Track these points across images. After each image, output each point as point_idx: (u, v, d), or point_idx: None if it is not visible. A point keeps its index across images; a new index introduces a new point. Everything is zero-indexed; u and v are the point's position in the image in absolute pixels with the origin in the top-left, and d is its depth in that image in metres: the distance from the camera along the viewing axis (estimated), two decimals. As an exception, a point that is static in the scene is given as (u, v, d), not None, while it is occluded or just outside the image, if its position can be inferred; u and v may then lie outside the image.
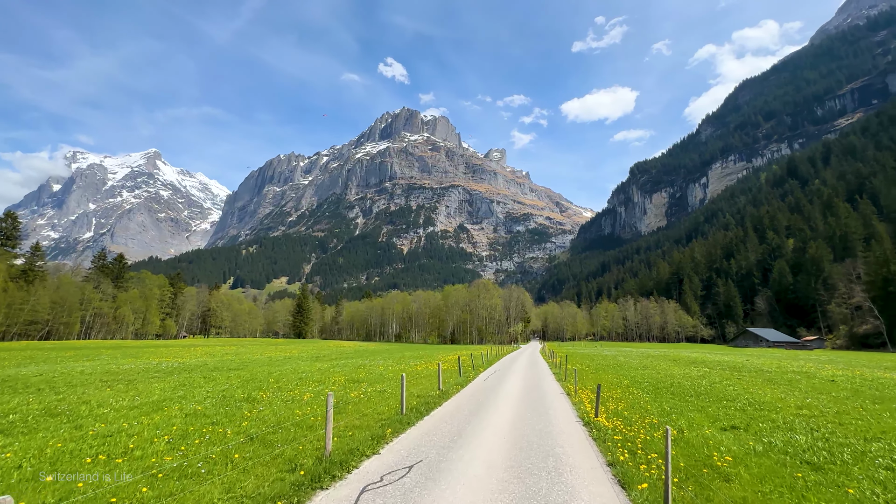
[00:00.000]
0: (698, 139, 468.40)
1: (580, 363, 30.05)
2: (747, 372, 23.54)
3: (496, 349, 55.03)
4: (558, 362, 29.63)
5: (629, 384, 17.43)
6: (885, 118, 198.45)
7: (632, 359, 36.71)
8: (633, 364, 29.53)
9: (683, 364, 29.71)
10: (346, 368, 23.59)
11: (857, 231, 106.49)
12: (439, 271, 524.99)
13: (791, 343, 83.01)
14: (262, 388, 14.89)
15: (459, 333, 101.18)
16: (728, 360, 34.53)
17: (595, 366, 28.29)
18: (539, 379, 20.18)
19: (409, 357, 35.96)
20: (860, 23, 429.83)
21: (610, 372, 23.55)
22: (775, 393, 14.51)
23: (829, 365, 30.21)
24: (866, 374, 23.56)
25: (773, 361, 32.93)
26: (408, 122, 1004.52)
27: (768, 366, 28.32)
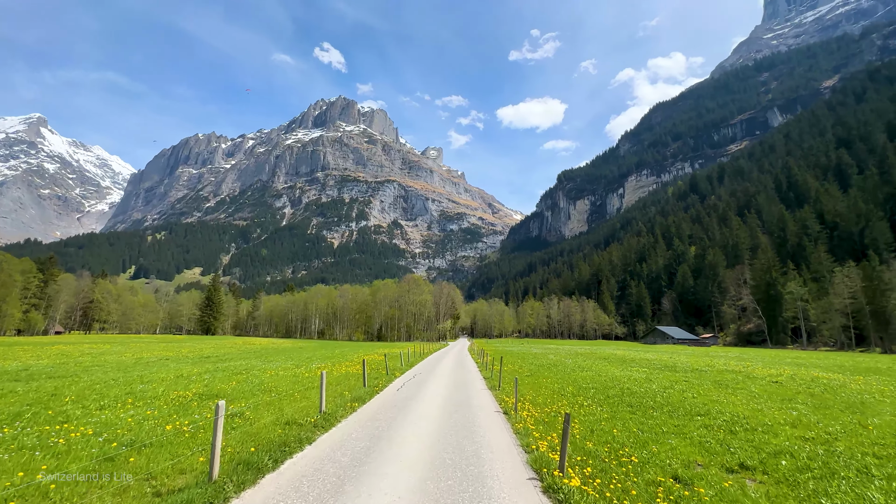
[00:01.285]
0: (617, 153, 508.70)
1: (512, 363, 27.82)
2: (685, 372, 22.60)
3: (423, 346, 52.07)
4: (488, 362, 26.99)
5: (574, 392, 14.90)
6: (766, 147, 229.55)
7: (563, 357, 35.39)
8: (568, 364, 27.60)
9: (617, 363, 28.64)
10: (223, 374, 18.60)
11: (745, 241, 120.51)
12: (371, 267, 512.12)
13: (692, 340, 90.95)
14: (27, 414, 9.54)
15: (387, 330, 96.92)
16: (654, 357, 34.73)
17: (529, 367, 25.84)
18: (467, 387, 16.78)
19: (320, 357, 31.23)
20: (749, 63, 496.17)
21: (547, 375, 21.20)
22: (740, 401, 12.61)
23: (746, 362, 30.75)
24: (797, 372, 23.19)
25: (696, 359, 33.56)
26: (344, 111, 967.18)
27: (697, 364, 28.10)
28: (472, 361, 31.60)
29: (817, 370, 25.26)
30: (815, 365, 30.06)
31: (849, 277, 70.83)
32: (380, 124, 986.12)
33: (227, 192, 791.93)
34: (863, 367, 27.73)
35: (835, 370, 25.18)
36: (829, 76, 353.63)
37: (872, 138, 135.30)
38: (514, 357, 35.42)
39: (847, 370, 25.54)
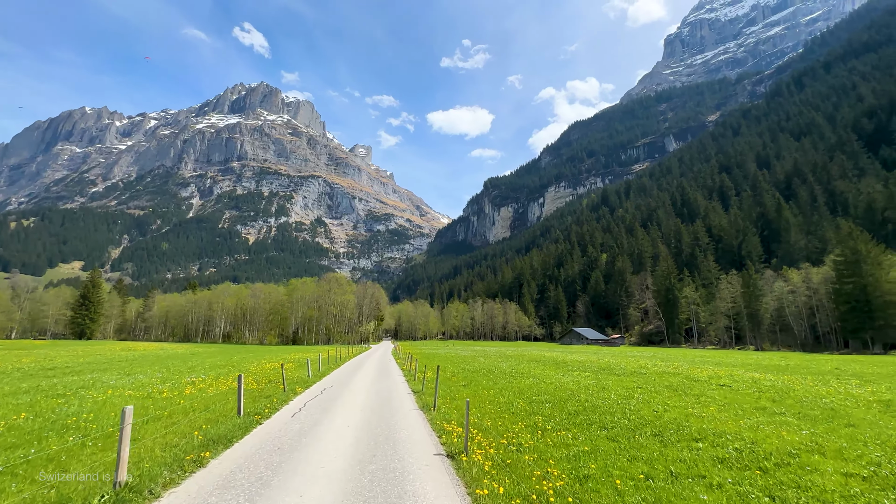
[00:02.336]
0: (539, 165, 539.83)
1: (443, 369, 25.00)
2: (628, 376, 21.28)
3: (343, 350, 47.64)
4: (416, 368, 23.91)
5: (527, 408, 12.16)
6: (664, 168, 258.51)
7: (495, 360, 32.98)
8: (504, 369, 25.22)
9: (552, 366, 27.11)
10: (35, 395, 13.23)
11: (648, 250, 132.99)
12: (290, 266, 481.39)
13: (604, 340, 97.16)
14: None
15: (304, 332, 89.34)
16: (583, 359, 34.23)
17: (464, 373, 23.04)
18: (392, 409, 12.81)
19: (207, 367, 25.50)
20: (651, 94, 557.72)
21: (486, 383, 18.40)
22: (723, 416, 11.07)
23: (671, 362, 31.20)
24: (730, 373, 22.72)
25: (622, 360, 33.71)
26: (266, 99, 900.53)
27: (629, 365, 27.33)
28: (396, 368, 28.42)
29: (740, 369, 26.06)
30: (729, 363, 31.50)
31: (731, 284, 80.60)
32: (306, 116, 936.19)
33: (120, 175, 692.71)
34: (772, 365, 29.62)
35: (757, 369, 26.04)
36: (713, 112, 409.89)
37: (746, 166, 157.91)
38: (444, 361, 32.90)
39: (764, 368, 26.93)
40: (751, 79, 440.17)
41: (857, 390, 15.94)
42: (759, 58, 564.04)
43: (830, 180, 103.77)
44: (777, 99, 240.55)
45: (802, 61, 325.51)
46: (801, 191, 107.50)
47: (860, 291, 53.52)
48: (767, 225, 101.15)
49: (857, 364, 31.91)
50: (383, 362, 33.83)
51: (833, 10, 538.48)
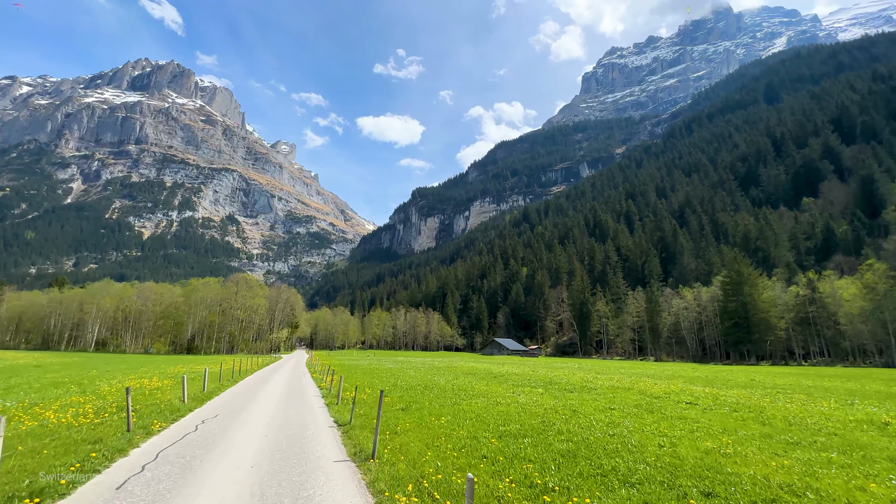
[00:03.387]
0: (466, 179, 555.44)
1: (372, 385, 21.39)
2: (578, 391, 19.53)
3: (248, 361, 41.49)
4: (335, 386, 19.54)
5: (503, 448, 9.11)
6: (578, 191, 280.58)
7: (426, 374, 30.11)
8: (442, 384, 21.95)
9: (491, 380, 24.75)
10: None
11: (564, 266, 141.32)
12: (194, 266, 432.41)
13: (523, 351, 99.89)
14: None
15: (202, 340, 78.10)
16: (518, 371, 32.59)
17: (396, 390, 19.45)
18: (304, 457, 8.85)
19: (34, 388, 18.83)
20: (569, 124, 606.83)
21: (431, 407, 14.67)
22: (739, 450, 9.14)
23: (607, 374, 30.70)
24: (681, 388, 21.36)
25: (557, 372, 32.65)
26: (176, 80, 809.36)
27: (571, 379, 26.23)
28: (312, 385, 23.56)
29: (676, 381, 26.15)
30: (656, 375, 31.96)
31: (637, 300, 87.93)
32: (223, 104, 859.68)
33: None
34: (695, 377, 30.41)
35: (690, 381, 26.23)
36: (620, 145, 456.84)
37: (647, 195, 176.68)
38: (369, 374, 29.34)
39: (693, 380, 27.17)
40: (651, 120, 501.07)
41: (828, 409, 15.21)
42: (657, 103, 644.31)
43: (714, 212, 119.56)
44: (671, 140, 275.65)
45: (691, 110, 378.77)
46: (692, 219, 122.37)
47: (742, 309, 61.31)
48: (666, 248, 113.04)
49: (762, 375, 34.55)
50: (295, 376, 29.00)
51: (714, 71, 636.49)
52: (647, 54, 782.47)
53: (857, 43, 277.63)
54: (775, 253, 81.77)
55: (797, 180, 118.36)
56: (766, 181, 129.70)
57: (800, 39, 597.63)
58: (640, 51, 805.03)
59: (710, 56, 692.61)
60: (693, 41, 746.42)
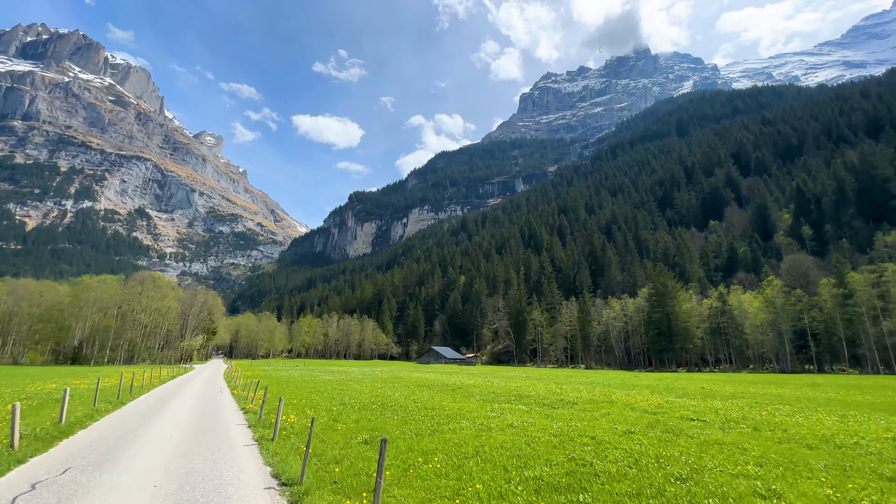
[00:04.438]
0: (406, 186, 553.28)
1: (315, 406, 17.12)
2: (564, 407, 17.42)
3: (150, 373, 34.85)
4: (260, 400, 16.41)
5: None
6: (514, 204, 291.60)
7: (376, 387, 26.09)
8: (400, 401, 18.71)
9: (456, 395, 21.83)
10: None
11: (501, 275, 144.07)
12: (91, 263, 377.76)
13: (461, 359, 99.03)
14: None
15: (93, 347, 65.92)
16: (474, 382, 29.81)
17: (348, 412, 15.72)
18: None
19: None
20: (507, 140, 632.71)
21: (408, 438, 11.32)
22: (821, 489, 7.56)
23: (569, 384, 29.36)
24: (665, 402, 19.62)
25: (512, 383, 30.41)
26: (81, 52, 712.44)
27: (539, 391, 24.12)
28: (232, 406, 17.91)
29: (641, 392, 25.33)
30: (609, 384, 31.25)
31: (570, 309, 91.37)
32: (138, 85, 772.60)
33: None
34: (650, 385, 30.60)
35: (653, 391, 25.76)
36: (552, 164, 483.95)
37: (578, 211, 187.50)
38: (307, 389, 24.49)
39: (652, 389, 27.00)
40: (580, 143, 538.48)
41: (842, 423, 13.98)
42: (586, 128, 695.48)
43: (637, 230, 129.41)
44: (598, 162, 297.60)
45: (615, 137, 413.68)
46: (618, 235, 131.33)
47: (665, 319, 65.93)
48: (595, 261, 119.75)
49: (701, 382, 34.83)
50: (209, 393, 23.21)
51: (634, 104, 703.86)
52: (578, 82, 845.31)
53: (748, 91, 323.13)
54: (690, 268, 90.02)
55: (705, 205, 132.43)
56: (680, 204, 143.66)
57: (703, 84, 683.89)
58: (573, 79, 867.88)
59: (632, 90, 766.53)
60: (618, 75, 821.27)
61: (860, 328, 50.79)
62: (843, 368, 54.57)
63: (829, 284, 54.69)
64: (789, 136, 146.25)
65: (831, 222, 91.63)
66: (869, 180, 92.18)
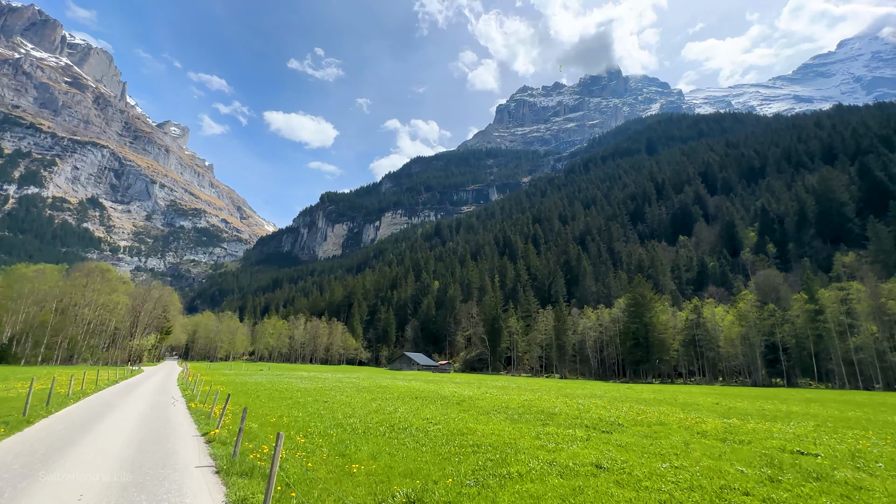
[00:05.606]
0: (380, 189, 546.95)
1: (294, 423, 13.98)
2: (609, 430, 14.47)
3: (88, 376, 30.36)
4: (225, 421, 12.98)
5: None
6: (489, 212, 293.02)
7: (364, 399, 22.44)
8: (410, 422, 15.11)
9: (449, 406, 19.15)
10: None
11: (476, 281, 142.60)
12: (34, 254, 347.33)
13: (434, 366, 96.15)
14: None
15: (24, 345, 58.30)
16: (472, 394, 27.13)
17: (356, 440, 11.92)
18: None
19: None
20: (482, 149, 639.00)
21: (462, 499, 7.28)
22: None
23: (591, 403, 24.74)
24: (695, 419, 17.58)
25: (518, 395, 27.64)
26: (36, 29, 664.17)
27: (558, 407, 20.86)
28: (187, 427, 13.46)
29: (657, 405, 23.44)
30: (613, 397, 29.27)
31: (546, 318, 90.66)
32: (97, 68, 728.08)
33: None
34: (646, 399, 28.92)
35: (652, 403, 24.17)
36: (526, 175, 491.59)
37: (552, 221, 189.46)
38: (283, 402, 20.32)
39: (646, 402, 25.23)
40: (554, 156, 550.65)
41: None
42: (559, 142, 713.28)
43: (611, 241, 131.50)
44: (571, 175, 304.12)
45: (587, 152, 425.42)
46: (592, 247, 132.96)
47: (643, 330, 66.04)
48: (570, 270, 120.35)
49: (729, 398, 31.98)
50: (158, 410, 17.48)
51: (605, 122, 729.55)
52: (553, 97, 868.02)
53: (712, 116, 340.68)
54: (662, 281, 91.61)
55: (675, 220, 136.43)
56: (651, 218, 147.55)
57: (669, 107, 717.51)
58: (548, 93, 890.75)
59: (603, 108, 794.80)
60: (591, 93, 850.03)
61: (830, 343, 52.30)
62: (810, 383, 56.05)
63: (802, 300, 56.27)
64: (752, 158, 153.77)
65: (794, 241, 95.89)
66: (827, 203, 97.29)
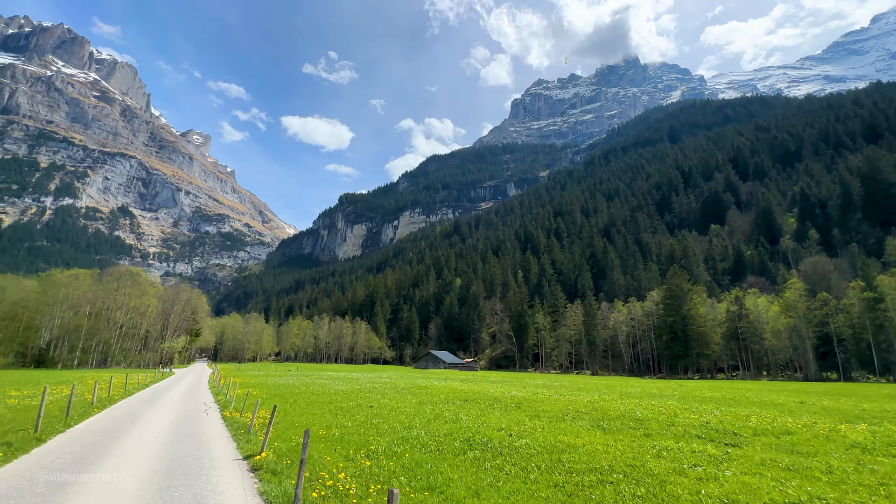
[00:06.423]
0: (397, 189, 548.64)
1: (348, 438, 11.92)
2: (711, 441, 12.23)
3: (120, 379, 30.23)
4: (259, 429, 12.09)
5: None
6: (507, 208, 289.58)
7: (409, 402, 20.83)
8: (485, 433, 12.47)
9: (504, 409, 17.06)
10: None
11: (498, 277, 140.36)
12: (70, 262, 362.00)
13: (460, 364, 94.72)
14: None
15: (61, 349, 59.92)
16: (523, 395, 23.90)
17: (452, 468, 9.17)
18: None
19: None
20: (499, 145, 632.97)
21: None
22: None
23: (660, 404, 21.25)
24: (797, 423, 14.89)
25: (563, 395, 25.45)
26: (65, 47, 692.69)
27: (624, 408, 18.51)
28: (228, 453, 10.60)
29: (744, 407, 20.54)
30: (689, 396, 26.48)
31: (574, 313, 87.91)
32: (124, 81, 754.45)
33: None
34: (705, 397, 26.54)
35: (711, 402, 22.17)
36: (544, 169, 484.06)
37: (574, 214, 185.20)
38: (326, 409, 17.97)
39: (706, 400, 22.88)
40: (571, 149, 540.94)
41: None
42: (577, 134, 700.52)
43: (639, 232, 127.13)
44: (591, 167, 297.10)
45: (606, 143, 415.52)
46: (618, 239, 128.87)
47: (681, 323, 62.87)
48: (596, 264, 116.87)
49: (804, 395, 28.03)
50: (189, 420, 15.49)
51: (624, 112, 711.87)
52: (569, 89, 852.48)
53: (738, 101, 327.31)
54: (696, 272, 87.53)
55: (705, 209, 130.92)
56: (678, 208, 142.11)
57: (691, 94, 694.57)
58: (564, 86, 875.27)
59: (622, 98, 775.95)
60: (608, 83, 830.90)
61: (893, 333, 48.28)
62: (868, 376, 52.04)
63: (858, 288, 52.21)
64: (786, 141, 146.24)
65: (838, 226, 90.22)
66: (874, 184, 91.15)
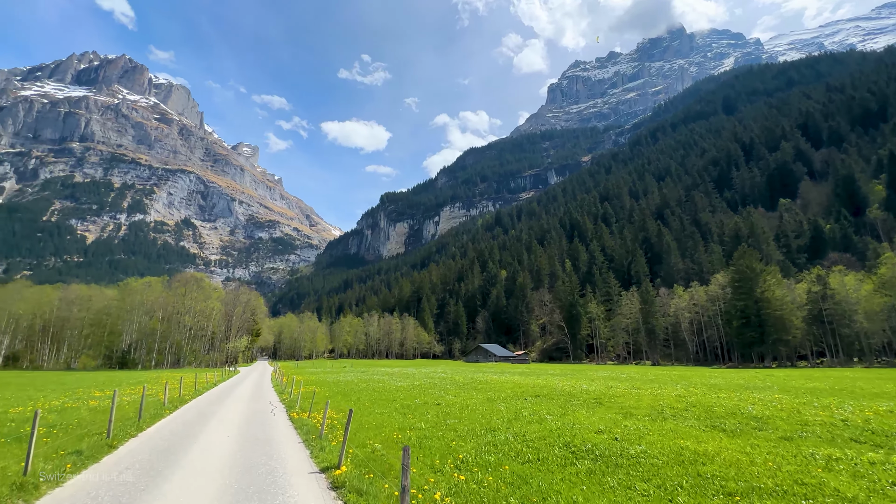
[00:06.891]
0: (436, 185, 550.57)
1: (441, 444, 10.92)
2: (864, 444, 10.55)
3: (191, 378, 32.05)
4: (330, 432, 11.80)
5: None
6: (550, 196, 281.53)
7: (477, 399, 19.93)
8: (587, 438, 11.27)
9: (583, 406, 15.94)
10: None
11: (545, 267, 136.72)
12: (143, 272, 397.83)
13: (511, 357, 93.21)
14: None
15: (140, 351, 65.60)
16: (596, 389, 22.55)
17: (575, 490, 7.64)
18: None
19: None
20: (537, 132, 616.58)
21: None
22: None
23: (778, 400, 18.42)
24: None
25: (648, 389, 23.32)
26: (128, 75, 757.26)
27: (731, 404, 16.65)
28: (301, 464, 9.59)
29: (874, 401, 17.85)
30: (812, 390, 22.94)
31: (630, 300, 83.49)
32: (179, 103, 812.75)
33: None
34: (805, 388, 23.72)
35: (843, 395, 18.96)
36: (586, 154, 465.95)
37: (622, 198, 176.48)
38: (395, 409, 17.28)
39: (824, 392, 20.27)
40: (614, 130, 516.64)
41: None
42: (619, 115, 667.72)
43: (696, 212, 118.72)
44: (638, 147, 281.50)
45: (652, 121, 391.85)
46: (673, 220, 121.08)
47: (754, 307, 57.58)
48: (650, 248, 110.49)
49: None
50: (257, 423, 15.06)
51: (670, 86, 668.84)
52: (608, 68, 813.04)
53: (804, 62, 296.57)
54: (766, 251, 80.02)
55: (772, 182, 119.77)
56: (740, 184, 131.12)
57: (746, 60, 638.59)
58: (602, 65, 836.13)
59: (667, 72, 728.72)
60: (651, 58, 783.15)
61: None
62: None
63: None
64: (867, 101, 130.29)
65: (939, 191, 79.06)
66: (985, 140, 78.78)
